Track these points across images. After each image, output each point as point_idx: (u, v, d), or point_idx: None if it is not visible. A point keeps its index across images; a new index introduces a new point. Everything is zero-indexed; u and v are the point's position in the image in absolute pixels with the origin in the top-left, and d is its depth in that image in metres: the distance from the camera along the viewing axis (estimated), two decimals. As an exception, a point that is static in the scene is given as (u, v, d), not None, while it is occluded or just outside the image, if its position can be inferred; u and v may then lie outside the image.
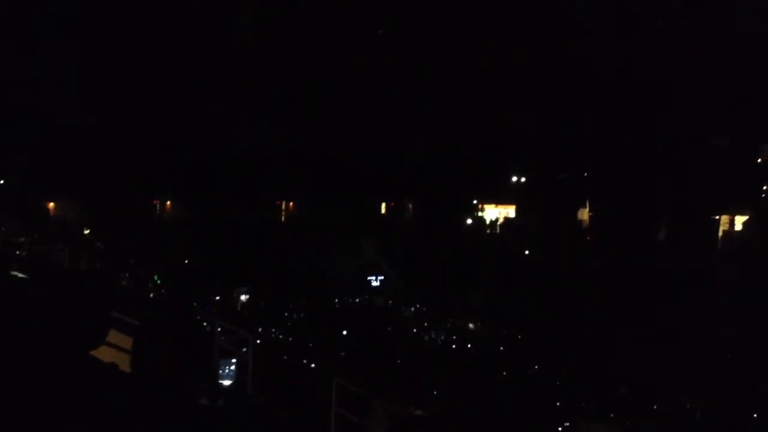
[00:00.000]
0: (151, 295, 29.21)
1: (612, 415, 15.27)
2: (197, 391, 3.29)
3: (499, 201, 64.89)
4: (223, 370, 6.81)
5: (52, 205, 49.14)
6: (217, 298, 34.42)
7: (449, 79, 42.92)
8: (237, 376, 6.80)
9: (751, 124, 45.78)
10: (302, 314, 32.73)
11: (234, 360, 7.00)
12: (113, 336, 3.87)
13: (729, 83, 36.51)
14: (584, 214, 61.26)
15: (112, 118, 37.35)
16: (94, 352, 3.54)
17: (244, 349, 20.90)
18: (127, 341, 5.29)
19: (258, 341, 21.90)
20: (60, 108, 35.34)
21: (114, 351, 3.81)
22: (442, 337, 28.00)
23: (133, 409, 3.07)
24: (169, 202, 55.76)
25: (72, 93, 34.45)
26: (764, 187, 60.11)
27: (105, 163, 40.55)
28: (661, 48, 31.68)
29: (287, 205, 58.70)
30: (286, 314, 32.53)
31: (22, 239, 30.94)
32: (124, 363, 4.57)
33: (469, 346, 26.63)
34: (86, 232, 37.95)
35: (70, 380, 3.12)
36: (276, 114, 45.90)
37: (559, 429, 14.08)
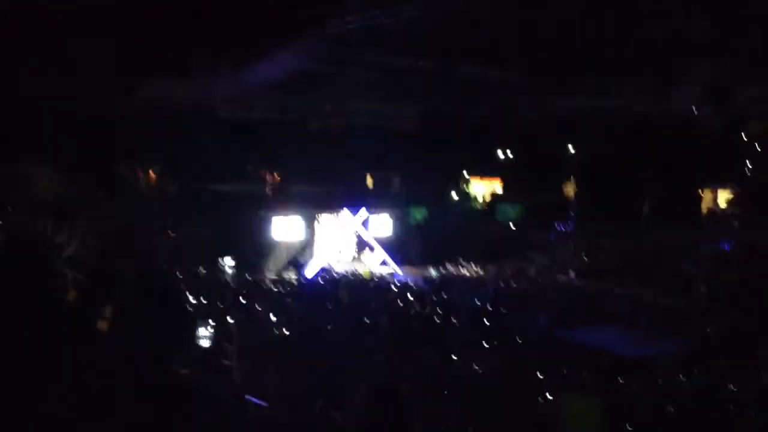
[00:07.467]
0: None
1: (592, 387, 15.42)
2: (171, 359, 3.31)
3: (485, 175, 65.04)
4: (199, 337, 6.78)
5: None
6: (203, 269, 34.41)
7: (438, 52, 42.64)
8: (214, 346, 6.77)
9: (736, 100, 45.94)
10: (288, 288, 32.76)
11: (210, 329, 6.96)
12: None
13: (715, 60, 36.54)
14: (570, 188, 61.50)
15: (91, 84, 36.49)
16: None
17: (229, 323, 21.00)
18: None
19: (242, 314, 21.99)
20: (37, 72, 34.40)
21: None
22: (427, 310, 28.06)
23: (103, 377, 3.10)
24: (152, 173, 55.34)
25: (52, 57, 33.58)
26: (748, 163, 60.61)
27: (84, 132, 39.80)
28: (647, 23, 31.54)
29: (273, 178, 58.48)
30: (272, 288, 32.59)
31: None
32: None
33: (453, 319, 26.70)
34: (65, 204, 37.47)
35: (46, 350, 3.14)
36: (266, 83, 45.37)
37: (541, 402, 14.25)
